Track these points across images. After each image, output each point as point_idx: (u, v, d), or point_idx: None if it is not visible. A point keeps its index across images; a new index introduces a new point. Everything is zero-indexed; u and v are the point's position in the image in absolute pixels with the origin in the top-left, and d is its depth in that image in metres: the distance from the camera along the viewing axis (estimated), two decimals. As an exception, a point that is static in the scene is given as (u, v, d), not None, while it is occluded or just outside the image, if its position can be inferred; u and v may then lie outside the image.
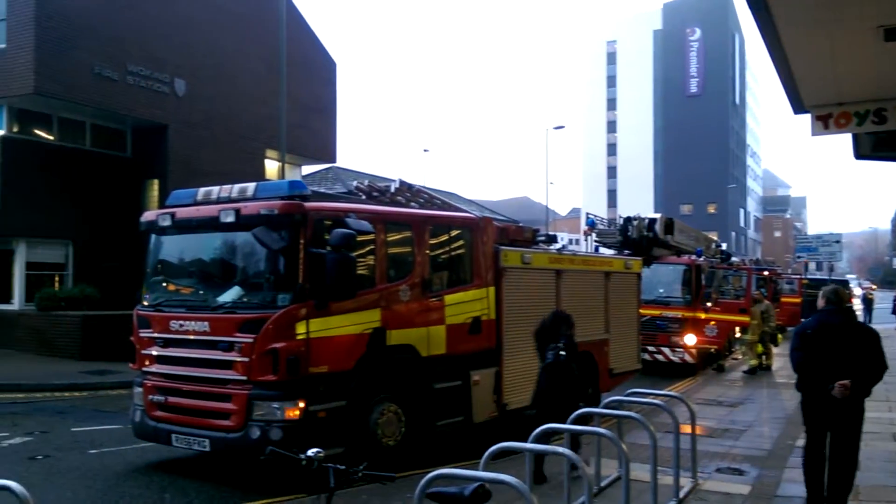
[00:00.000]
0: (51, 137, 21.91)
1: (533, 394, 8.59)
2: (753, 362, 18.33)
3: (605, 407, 7.56)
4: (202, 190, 8.79)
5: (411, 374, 8.76)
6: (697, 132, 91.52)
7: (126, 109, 21.98)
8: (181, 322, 8.22)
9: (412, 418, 8.66)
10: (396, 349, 8.56)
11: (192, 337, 8.11)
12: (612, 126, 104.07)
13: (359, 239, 7.97)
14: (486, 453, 5.08)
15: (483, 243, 9.93)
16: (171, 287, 8.99)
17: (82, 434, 10.69)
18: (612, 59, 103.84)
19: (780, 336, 24.11)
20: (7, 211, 19.78)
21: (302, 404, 7.56)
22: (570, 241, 46.15)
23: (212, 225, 8.24)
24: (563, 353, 7.91)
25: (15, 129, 20.98)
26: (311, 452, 3.69)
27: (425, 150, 77.15)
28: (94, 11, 20.88)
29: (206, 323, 8.01)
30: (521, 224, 13.19)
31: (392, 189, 10.58)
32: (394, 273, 8.73)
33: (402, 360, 8.66)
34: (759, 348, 18.57)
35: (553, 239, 12.57)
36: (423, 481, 4.20)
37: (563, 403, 7.55)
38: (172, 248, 9.05)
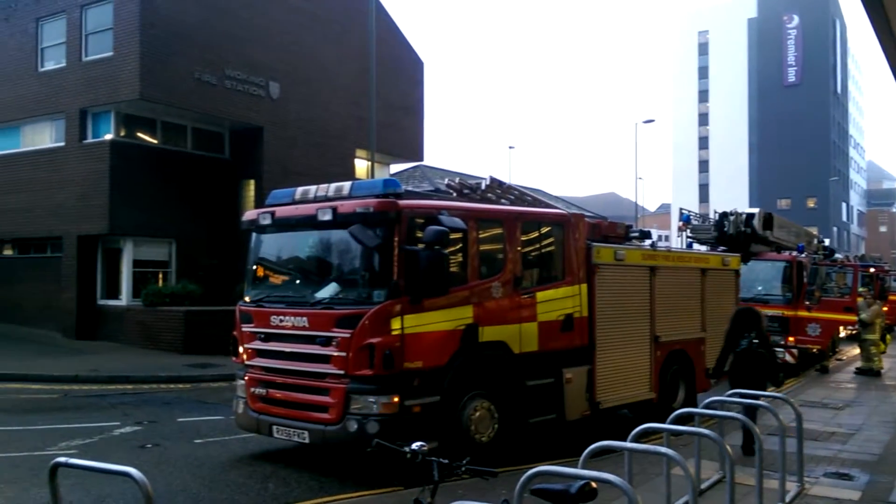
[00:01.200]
0: (155, 141, 23.00)
1: (729, 376, 9.39)
2: (878, 363, 17.34)
3: (706, 407, 7.34)
4: (300, 189, 9.04)
5: (504, 370, 8.75)
6: (795, 123, 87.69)
7: (224, 113, 22.86)
8: (281, 317, 8.47)
9: (505, 415, 8.65)
10: (489, 346, 8.57)
11: (291, 332, 8.35)
12: (703, 119, 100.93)
13: (451, 236, 8.03)
14: (586, 451, 5.02)
15: (575, 240, 9.81)
16: (271, 283, 9.28)
17: (187, 424, 11.19)
18: (703, 49, 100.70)
19: (888, 337, 22.82)
20: (116, 212, 20.90)
21: (397, 399, 7.67)
22: (660, 238, 45.03)
23: (309, 223, 8.47)
24: (755, 340, 9.15)
25: (122, 134, 22.13)
26: (415, 446, 3.73)
27: (510, 147, 76.85)
28: (194, 19, 21.79)
29: (304, 318, 8.24)
30: (612, 220, 12.97)
31: (483, 186, 10.59)
32: (486, 270, 8.74)
33: (494, 356, 8.67)
34: (882, 347, 17.59)
35: (647, 235, 12.29)
36: (523, 478, 4.18)
37: (753, 383, 8.74)
38: (272, 245, 9.34)
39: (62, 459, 4.77)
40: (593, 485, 3.52)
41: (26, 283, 23.51)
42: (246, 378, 8.85)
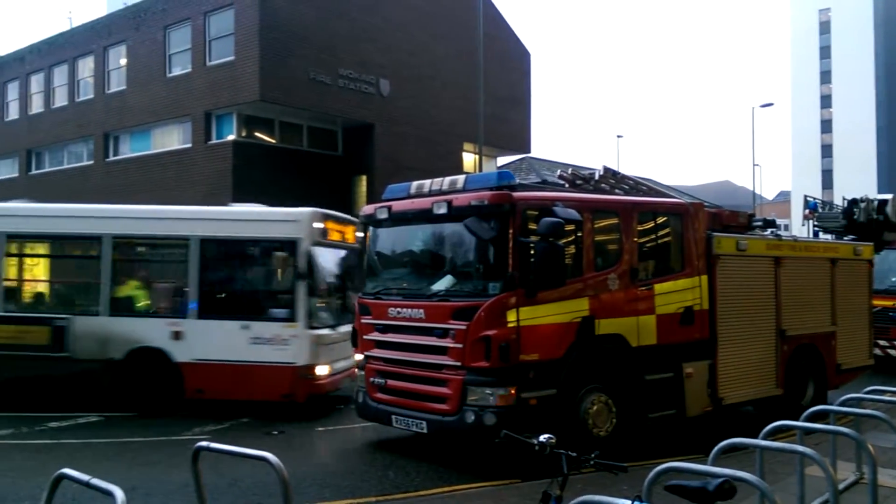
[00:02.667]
0: (273, 140, 23.98)
1: None
2: None
3: (842, 404, 6.95)
4: (415, 183, 9.18)
5: (621, 364, 8.59)
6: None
7: (337, 111, 23.55)
8: (398, 309, 8.65)
9: (623, 410, 8.50)
10: (606, 339, 8.44)
11: (408, 323, 8.51)
12: (826, 101, 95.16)
13: (566, 227, 7.94)
14: (717, 448, 4.87)
15: (694, 230, 9.50)
16: (388, 276, 9.48)
17: (311, 412, 11.61)
18: (825, 28, 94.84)
19: None
20: (238, 208, 21.91)
21: (514, 391, 7.68)
22: (782, 227, 42.91)
23: (425, 216, 8.58)
24: None
25: (243, 134, 23.20)
26: (542, 438, 3.73)
27: (619, 136, 75.25)
28: (309, 22, 22.55)
29: (421, 310, 8.37)
30: (729, 209, 12.45)
31: (596, 177, 10.42)
32: (601, 262, 8.60)
33: (611, 349, 8.53)
34: None
35: (771, 224, 11.69)
36: (651, 474, 4.11)
37: None
38: (389, 239, 9.54)
39: (204, 444, 5.07)
40: (732, 482, 3.41)
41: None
42: (366, 368, 9.10)
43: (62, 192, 27.41)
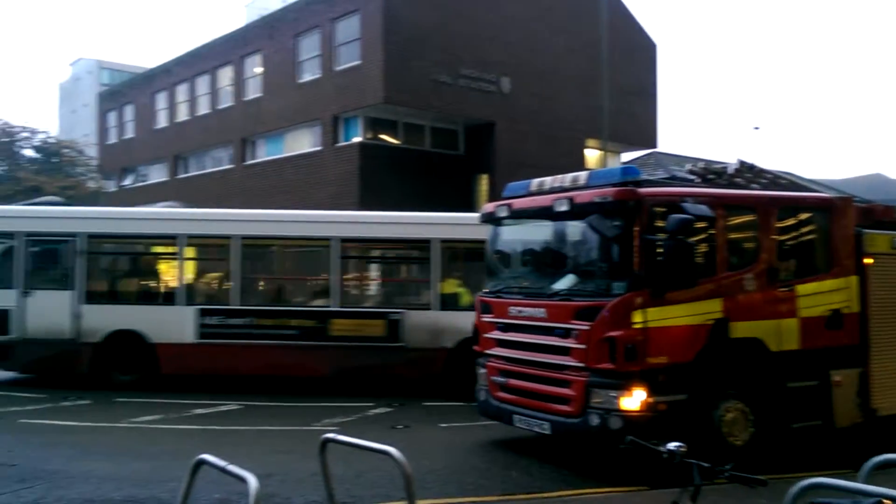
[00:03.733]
0: (397, 141, 24.49)
1: None
2: None
3: None
4: (536, 181, 9.06)
5: (759, 369, 8.11)
6: None
7: (458, 111, 23.75)
8: (519, 308, 8.56)
9: (762, 418, 8.01)
10: (741, 342, 7.98)
11: (529, 322, 8.41)
12: None
13: (697, 224, 7.59)
14: (869, 464, 4.46)
15: (842, 227, 8.82)
16: (509, 274, 9.41)
17: (433, 409, 11.77)
18: None
19: None
20: (364, 208, 22.51)
21: (640, 395, 7.41)
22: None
23: (546, 214, 8.45)
24: None
25: (368, 136, 23.83)
26: (672, 446, 3.55)
27: (755, 128, 71.41)
28: (431, 24, 22.86)
29: (542, 309, 8.24)
30: (882, 203, 11.48)
31: (730, 171, 9.93)
32: (736, 260, 8.16)
33: (748, 354, 8.06)
34: None
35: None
36: (794, 489, 3.82)
37: None
38: (509, 237, 9.47)
39: (331, 435, 5.20)
40: (886, 502, 3.10)
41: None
42: (487, 367, 9.07)
43: (206, 195, 29.22)
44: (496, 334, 8.96)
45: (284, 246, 14.23)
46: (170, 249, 13.63)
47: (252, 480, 3.98)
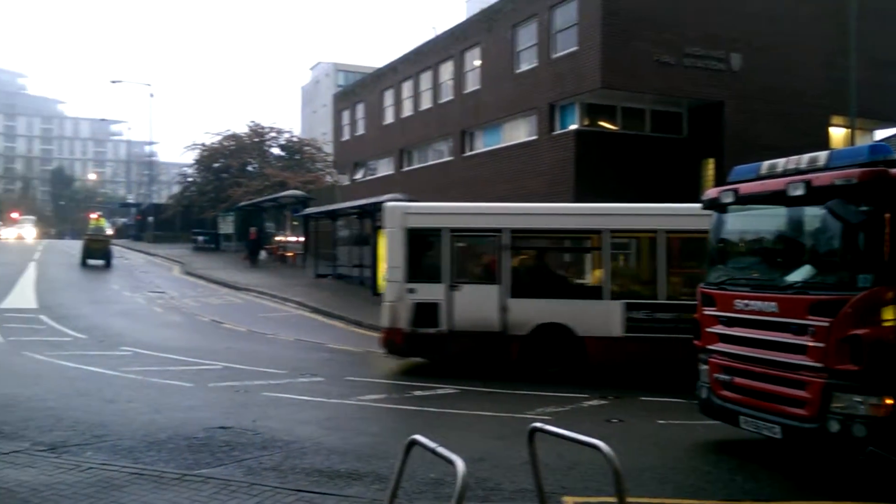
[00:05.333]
0: (614, 127, 23.85)
1: None
2: None
3: None
4: (766, 163, 8.34)
5: None
6: None
7: (683, 92, 22.60)
8: (746, 301, 7.96)
9: None
10: None
11: (757, 317, 7.79)
12: None
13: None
14: None
15: None
16: (735, 265, 8.78)
17: (651, 403, 11.35)
18: None
19: None
20: (580, 197, 22.22)
21: (890, 401, 6.58)
22: None
23: (778, 199, 7.77)
24: None
25: (585, 123, 23.45)
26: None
27: None
28: (652, 2, 21.93)
29: (772, 303, 7.60)
30: None
31: None
32: None
33: None
34: None
35: None
36: None
37: None
38: (735, 224, 8.83)
39: (538, 425, 5.17)
40: None
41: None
42: (709, 363, 8.55)
43: (427, 186, 30.58)
44: (719, 329, 8.40)
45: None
46: (593, 244, 13.85)
47: (459, 463, 4.05)
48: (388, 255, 13.82)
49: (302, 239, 38.66)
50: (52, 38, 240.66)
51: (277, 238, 40.95)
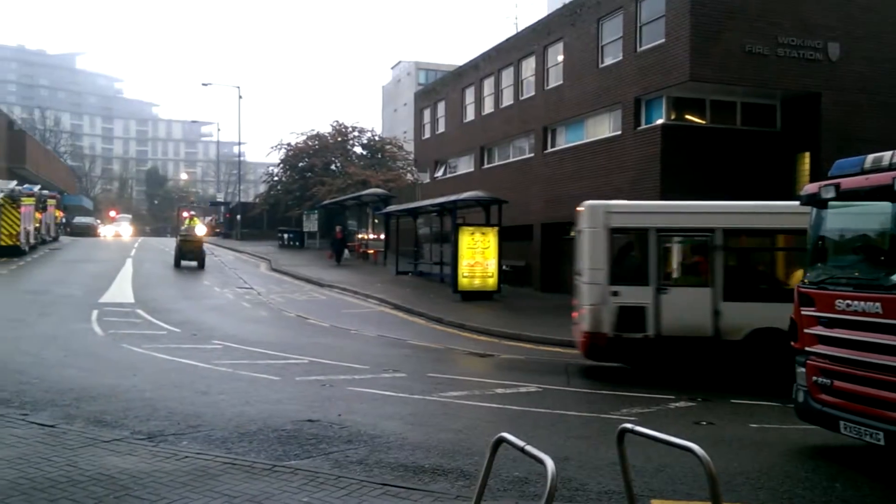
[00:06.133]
0: (702, 121, 23.12)
1: None
2: None
3: None
4: (871, 157, 7.90)
5: None
6: None
7: (776, 83, 21.72)
8: (847, 301, 7.58)
9: None
10: None
11: (859, 318, 7.40)
12: None
13: None
14: None
15: None
16: (835, 263, 8.37)
17: (741, 406, 10.94)
18: None
19: None
20: (666, 193, 21.64)
21: None
22: None
23: (883, 194, 7.35)
24: None
25: (672, 117, 22.83)
26: None
27: None
28: (744, -10, 21.16)
29: (876, 303, 7.21)
30: None
31: None
32: None
33: None
34: None
35: None
36: None
37: None
38: (836, 221, 8.42)
39: (629, 426, 5.04)
40: None
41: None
42: (807, 365, 8.17)
43: (506, 184, 30.47)
44: (818, 330, 8.03)
45: None
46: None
47: (549, 463, 3.99)
48: (586, 255, 13.20)
49: (383, 236, 39.22)
50: (146, 43, 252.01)
51: (359, 236, 41.64)
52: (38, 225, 38.66)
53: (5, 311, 18.90)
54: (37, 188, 40.96)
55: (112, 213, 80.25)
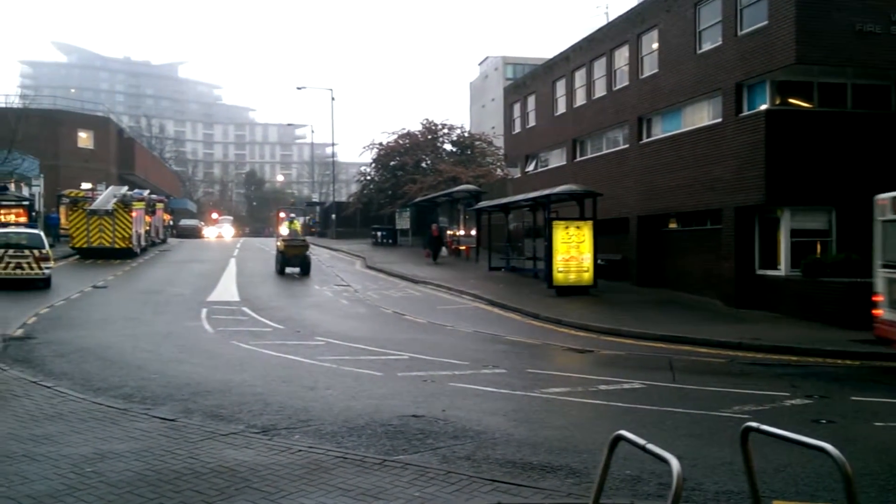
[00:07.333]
0: (809, 105, 22.01)
1: None
2: None
3: None
4: None
5: None
6: None
7: (889, 63, 20.42)
8: None
9: None
10: None
11: None
12: None
13: None
14: None
15: None
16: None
17: (863, 404, 10.36)
18: None
19: None
20: (772, 182, 20.76)
21: None
22: None
23: None
24: None
25: (777, 102, 21.82)
26: None
27: None
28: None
29: None
30: None
31: None
32: None
33: None
34: None
35: None
36: None
37: None
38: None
39: (753, 424, 4.84)
40: None
41: (690, 254, 25.46)
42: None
43: (600, 176, 29.93)
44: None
45: None
46: None
47: (675, 462, 3.88)
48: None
49: (474, 233, 39.27)
50: (243, 50, 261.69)
51: (450, 232, 41.87)
52: (148, 228, 40.77)
53: (123, 310, 19.98)
54: (146, 193, 43.20)
55: (214, 216, 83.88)
